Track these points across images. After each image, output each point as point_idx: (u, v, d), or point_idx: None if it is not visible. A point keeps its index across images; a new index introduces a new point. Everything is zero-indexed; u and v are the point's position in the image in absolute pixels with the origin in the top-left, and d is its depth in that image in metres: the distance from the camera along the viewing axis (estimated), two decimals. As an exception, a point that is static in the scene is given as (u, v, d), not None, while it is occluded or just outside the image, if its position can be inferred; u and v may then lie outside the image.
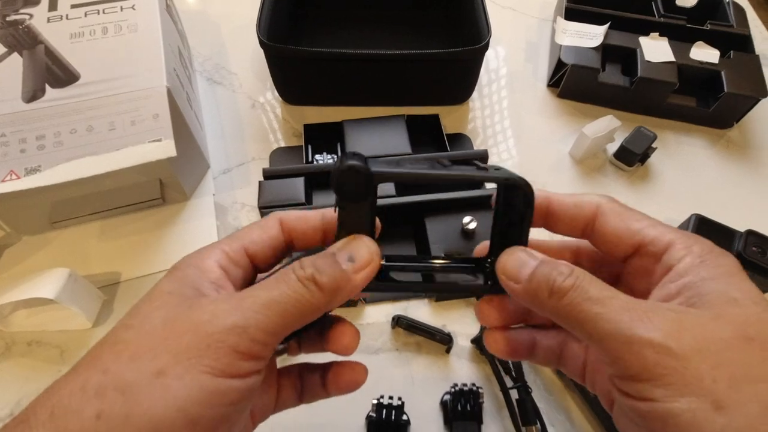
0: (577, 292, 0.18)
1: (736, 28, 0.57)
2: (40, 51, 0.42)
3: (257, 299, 0.18)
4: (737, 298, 0.18)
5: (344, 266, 0.20)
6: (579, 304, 0.18)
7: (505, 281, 0.21)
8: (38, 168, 0.37)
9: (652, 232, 0.20)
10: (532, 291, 0.20)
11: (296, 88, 0.54)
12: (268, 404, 0.23)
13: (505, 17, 0.66)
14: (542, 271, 0.20)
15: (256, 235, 0.22)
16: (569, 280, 0.19)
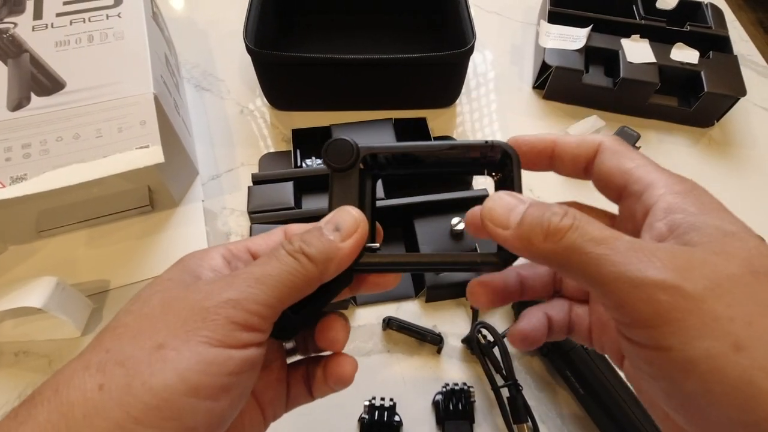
0: (577, 233, 0.17)
1: (714, 29, 0.59)
2: (25, 59, 0.42)
3: (250, 275, 0.19)
4: (734, 231, 0.17)
5: (331, 237, 0.20)
6: (579, 246, 0.17)
7: (492, 228, 0.19)
8: (24, 176, 0.37)
9: (640, 171, 0.20)
10: (524, 236, 0.18)
11: (284, 94, 0.55)
12: (279, 399, 0.23)
13: (490, 21, 0.67)
14: (534, 213, 0.18)
15: (259, 238, 0.23)
16: (566, 220, 0.17)
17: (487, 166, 0.24)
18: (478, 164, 0.24)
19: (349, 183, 0.22)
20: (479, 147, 0.23)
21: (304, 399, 0.24)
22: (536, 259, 0.18)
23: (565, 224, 0.17)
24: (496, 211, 0.19)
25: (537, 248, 0.18)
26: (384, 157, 0.23)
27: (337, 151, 0.22)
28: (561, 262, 0.17)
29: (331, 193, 0.23)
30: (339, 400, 0.38)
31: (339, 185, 0.22)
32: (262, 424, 0.22)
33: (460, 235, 0.43)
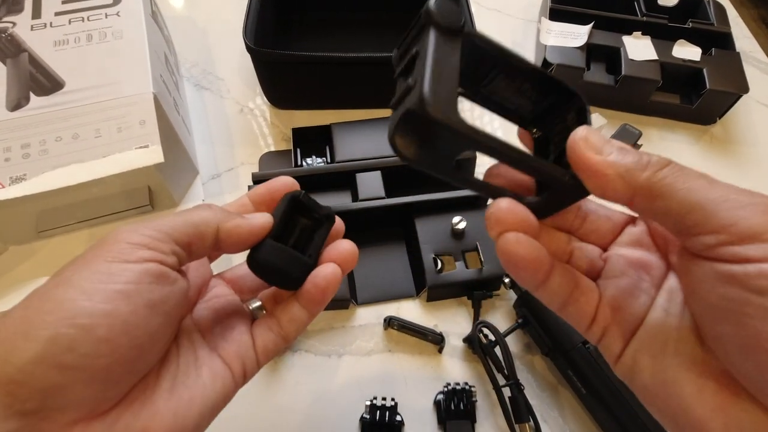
0: (677, 167, 0.18)
1: (716, 26, 0.58)
2: (23, 59, 0.42)
3: (147, 219, 0.22)
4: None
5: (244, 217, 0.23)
6: (681, 176, 0.17)
7: (583, 152, 0.18)
8: (23, 177, 0.36)
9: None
10: (621, 165, 0.18)
11: (284, 93, 0.55)
12: (245, 352, 0.23)
13: (490, 18, 0.67)
14: (630, 150, 0.18)
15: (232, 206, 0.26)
16: (664, 159, 0.18)
17: (536, 120, 0.23)
18: (532, 113, 0.23)
19: (453, 48, 0.19)
20: (563, 88, 0.21)
21: (275, 347, 0.24)
22: (624, 189, 0.18)
23: (665, 161, 0.18)
24: (593, 135, 0.19)
25: (634, 177, 0.18)
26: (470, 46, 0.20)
27: (446, 9, 0.19)
28: (658, 192, 0.17)
29: (426, 46, 0.18)
30: (340, 399, 0.38)
31: (440, 44, 0.18)
32: (229, 379, 0.22)
33: (461, 234, 0.43)
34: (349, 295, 0.41)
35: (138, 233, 0.19)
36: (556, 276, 0.20)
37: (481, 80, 0.22)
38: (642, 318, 0.20)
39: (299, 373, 0.39)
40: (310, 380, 0.39)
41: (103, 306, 0.17)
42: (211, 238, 0.22)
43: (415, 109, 0.17)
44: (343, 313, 0.42)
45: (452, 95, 0.18)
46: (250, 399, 0.38)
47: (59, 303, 0.17)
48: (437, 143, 0.19)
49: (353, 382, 0.39)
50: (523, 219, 0.19)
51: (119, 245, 0.19)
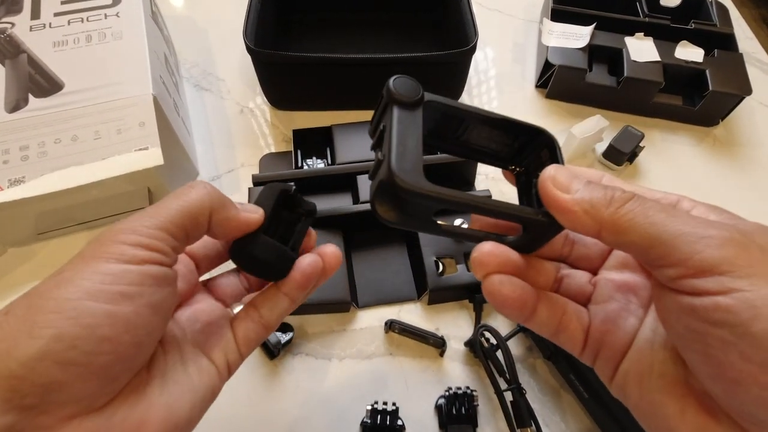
0: (639, 201, 0.18)
1: (719, 26, 0.58)
2: (22, 60, 0.42)
3: (144, 209, 0.21)
4: (764, 225, 0.19)
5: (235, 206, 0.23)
6: (643, 210, 0.18)
7: (552, 191, 0.19)
8: (22, 179, 0.36)
9: (657, 194, 0.21)
10: (586, 200, 0.19)
11: (284, 94, 0.54)
12: (227, 345, 0.24)
13: (491, 19, 0.66)
14: (595, 185, 0.19)
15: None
16: (628, 193, 0.19)
17: (512, 158, 0.25)
18: (506, 154, 0.24)
19: (414, 120, 0.21)
20: (527, 128, 0.23)
21: (257, 336, 0.24)
22: (591, 224, 0.19)
23: (628, 195, 0.19)
24: (560, 175, 0.20)
25: (598, 214, 0.19)
26: (433, 116, 0.22)
27: (404, 86, 0.21)
28: (622, 227, 0.18)
29: (391, 123, 0.21)
30: (341, 404, 0.38)
31: (402, 121, 0.21)
32: (213, 374, 0.22)
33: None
34: (349, 297, 0.41)
35: (136, 234, 0.19)
36: (542, 309, 0.21)
37: (455, 132, 0.24)
38: (631, 340, 0.21)
39: (300, 376, 0.39)
40: (311, 384, 0.39)
41: (107, 306, 0.18)
42: (205, 224, 0.22)
43: (385, 181, 0.19)
44: (343, 316, 0.42)
45: (417, 164, 0.20)
46: (251, 402, 0.38)
47: (63, 302, 0.17)
48: (412, 207, 0.21)
49: (354, 386, 0.39)
50: (505, 260, 0.21)
51: (118, 247, 0.19)
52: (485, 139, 0.24)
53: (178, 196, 0.21)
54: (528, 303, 0.21)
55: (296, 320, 0.41)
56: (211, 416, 0.37)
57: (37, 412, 0.17)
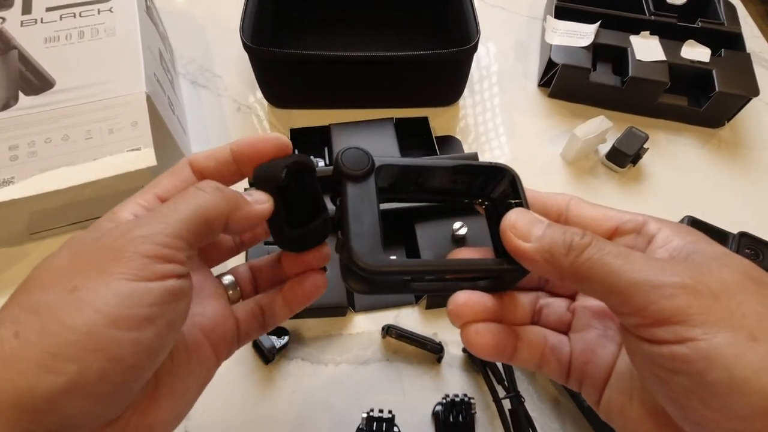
0: (597, 248, 0.18)
1: (726, 25, 0.57)
2: (13, 56, 0.41)
3: (158, 212, 0.19)
4: (727, 252, 0.19)
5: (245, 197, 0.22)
6: (600, 258, 0.18)
7: (513, 240, 0.20)
8: (11, 180, 0.35)
9: (625, 216, 0.22)
10: (546, 249, 0.19)
11: (282, 92, 0.53)
12: (230, 336, 0.23)
13: (494, 16, 0.65)
14: (555, 229, 0.20)
15: (166, 181, 0.22)
16: (586, 238, 0.19)
17: (478, 194, 0.25)
18: (472, 191, 0.25)
19: (367, 191, 0.22)
20: (487, 168, 0.23)
21: (256, 333, 0.25)
22: (553, 272, 0.19)
23: (587, 241, 0.19)
24: (519, 222, 0.20)
25: (558, 261, 0.19)
26: (391, 173, 0.23)
27: (352, 158, 0.22)
28: (581, 275, 0.19)
29: (344, 202, 0.22)
30: (337, 410, 0.37)
31: (354, 194, 0.22)
32: (213, 362, 0.22)
33: (462, 241, 0.42)
34: (346, 301, 0.40)
35: (155, 242, 0.18)
36: (523, 348, 0.22)
37: (416, 182, 0.25)
38: (611, 368, 0.22)
39: (295, 381, 0.38)
40: (306, 389, 0.38)
41: (131, 335, 0.17)
42: (220, 229, 0.21)
43: (347, 263, 0.21)
44: (340, 321, 0.41)
45: (375, 240, 0.21)
46: (245, 407, 0.37)
47: (85, 334, 0.16)
48: (380, 280, 0.22)
49: (350, 392, 0.38)
50: (481, 309, 0.22)
51: (137, 260, 0.17)
52: (448, 182, 0.25)
53: (193, 197, 0.20)
54: (506, 347, 0.22)
55: (292, 324, 0.41)
56: (204, 421, 0.36)
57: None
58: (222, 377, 0.38)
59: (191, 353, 0.21)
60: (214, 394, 0.37)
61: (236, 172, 0.23)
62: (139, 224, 0.18)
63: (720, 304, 0.16)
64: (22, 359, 0.16)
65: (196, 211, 0.19)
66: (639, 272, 0.17)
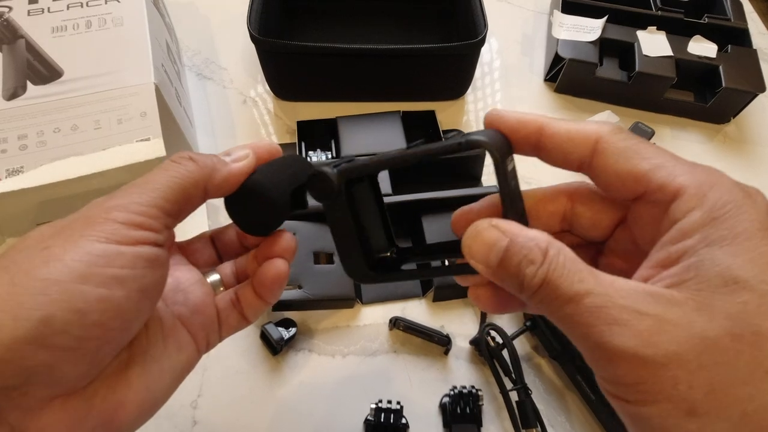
0: (547, 291, 0.17)
1: (733, 21, 0.57)
2: (20, 46, 0.40)
3: (132, 185, 0.19)
4: (741, 277, 0.15)
5: (223, 158, 0.22)
6: (549, 303, 0.17)
7: (474, 264, 0.19)
8: (21, 169, 0.35)
9: (660, 174, 0.17)
10: (502, 279, 0.18)
11: (288, 84, 0.53)
12: (210, 326, 0.23)
13: (500, 10, 0.65)
14: (511, 259, 0.17)
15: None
16: (538, 276, 0.17)
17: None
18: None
19: (341, 208, 0.22)
20: (454, 148, 0.20)
21: (237, 324, 0.25)
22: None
23: (536, 283, 0.17)
24: (474, 248, 0.19)
25: (514, 293, 0.18)
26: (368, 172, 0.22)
27: (317, 185, 0.22)
28: (537, 311, 0.18)
29: (331, 227, 0.23)
30: (345, 402, 0.37)
31: (333, 218, 0.22)
32: (193, 351, 0.22)
33: (469, 234, 0.42)
34: (354, 294, 0.41)
35: (129, 212, 0.18)
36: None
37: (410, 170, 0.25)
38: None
39: (302, 372, 0.39)
40: (314, 380, 0.38)
41: (99, 291, 0.17)
42: (199, 198, 0.21)
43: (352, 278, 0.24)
44: (347, 313, 0.41)
45: (358, 254, 0.23)
46: (253, 398, 0.37)
47: (52, 283, 0.16)
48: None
49: (357, 383, 0.38)
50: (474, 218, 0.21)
51: (110, 225, 0.18)
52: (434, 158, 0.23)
53: (168, 169, 0.20)
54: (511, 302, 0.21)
55: (299, 316, 0.41)
56: (213, 411, 0.37)
57: (18, 394, 0.16)
58: (230, 367, 0.38)
59: (168, 337, 0.21)
60: (222, 384, 0.38)
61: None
62: (113, 196, 0.19)
63: (665, 374, 0.15)
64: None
65: (172, 181, 0.20)
66: (585, 327, 0.16)
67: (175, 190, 0.20)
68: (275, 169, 0.23)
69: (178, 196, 0.20)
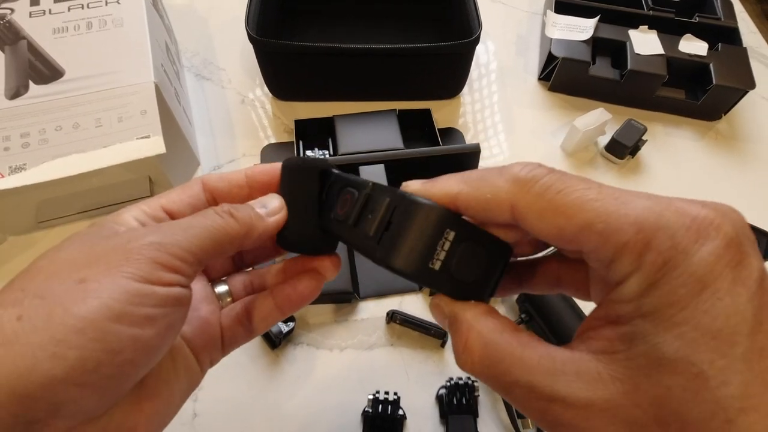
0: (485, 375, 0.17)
1: (723, 20, 0.58)
2: (22, 46, 0.41)
3: (176, 224, 0.20)
4: (667, 357, 0.14)
5: (258, 210, 0.22)
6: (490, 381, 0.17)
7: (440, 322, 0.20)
8: (23, 166, 0.36)
9: (592, 235, 0.15)
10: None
11: (286, 84, 0.54)
12: (213, 344, 0.23)
13: (494, 11, 0.66)
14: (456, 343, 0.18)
15: (175, 195, 0.23)
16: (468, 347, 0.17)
17: None
18: None
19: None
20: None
21: (242, 339, 0.24)
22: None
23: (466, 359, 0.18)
24: (434, 315, 0.20)
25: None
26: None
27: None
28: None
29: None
30: (342, 393, 0.38)
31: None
32: (198, 371, 0.22)
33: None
34: (351, 288, 0.41)
35: (168, 252, 0.18)
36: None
37: None
38: None
39: (301, 366, 0.39)
40: (312, 374, 0.39)
41: (133, 331, 0.17)
42: (233, 251, 0.21)
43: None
44: (345, 307, 0.42)
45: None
46: (252, 391, 0.38)
47: (90, 323, 0.16)
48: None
49: (355, 376, 0.39)
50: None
51: (148, 264, 0.18)
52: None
53: (211, 219, 0.20)
54: None
55: (298, 311, 0.41)
56: (212, 404, 0.37)
57: (40, 426, 0.16)
58: (230, 361, 0.39)
59: (177, 359, 0.21)
60: (222, 378, 0.38)
61: (247, 196, 0.23)
62: (153, 232, 0.19)
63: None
64: (24, 342, 0.15)
65: (212, 233, 0.20)
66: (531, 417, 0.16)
67: (214, 242, 0.20)
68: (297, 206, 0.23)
69: (215, 248, 0.20)
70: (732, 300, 0.13)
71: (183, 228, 0.19)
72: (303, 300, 0.24)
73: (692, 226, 0.14)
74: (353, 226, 0.20)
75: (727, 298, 0.13)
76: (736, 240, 0.14)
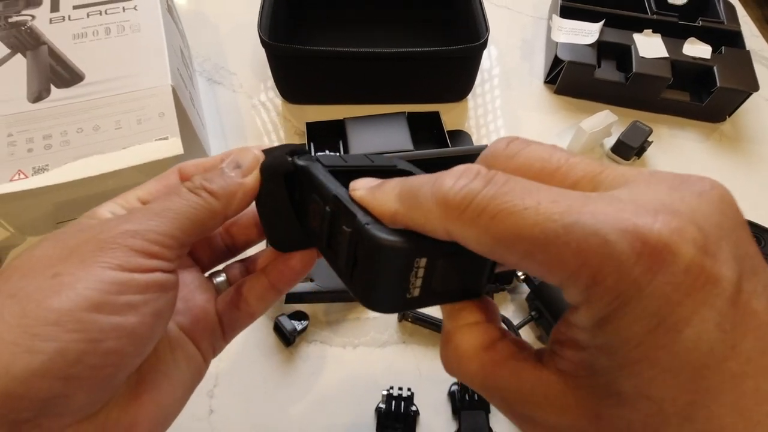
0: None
1: (726, 24, 0.59)
2: (43, 52, 0.42)
3: (149, 209, 0.19)
4: (623, 392, 0.13)
5: (232, 174, 0.21)
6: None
7: None
8: (46, 167, 0.37)
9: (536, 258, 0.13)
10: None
11: (297, 87, 0.55)
12: (213, 332, 0.23)
13: (500, 16, 0.67)
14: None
15: (151, 185, 0.22)
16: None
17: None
18: None
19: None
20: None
21: (242, 323, 0.24)
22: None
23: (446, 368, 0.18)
24: None
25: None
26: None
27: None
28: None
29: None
30: (355, 391, 0.38)
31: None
32: (201, 361, 0.22)
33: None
34: (363, 287, 0.42)
35: (145, 239, 0.18)
36: None
37: None
38: None
39: (314, 363, 0.40)
40: (325, 371, 0.39)
41: (113, 319, 0.16)
42: (217, 225, 0.21)
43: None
44: (357, 305, 0.43)
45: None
46: (267, 388, 0.38)
47: (65, 313, 0.16)
48: None
49: (368, 373, 0.40)
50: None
51: (124, 252, 0.17)
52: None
53: (187, 199, 0.19)
54: None
55: (311, 309, 0.42)
56: (228, 401, 0.38)
57: (30, 426, 0.16)
58: (245, 358, 0.40)
59: (176, 350, 0.21)
60: (237, 375, 0.39)
61: None
62: (127, 219, 0.18)
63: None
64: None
65: (190, 212, 0.19)
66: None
67: (193, 222, 0.19)
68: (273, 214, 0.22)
69: (195, 228, 0.19)
70: (694, 330, 0.12)
71: (157, 212, 0.19)
72: (296, 275, 0.23)
73: (643, 251, 0.12)
74: (327, 247, 0.19)
75: (688, 329, 0.12)
76: (697, 260, 0.12)
